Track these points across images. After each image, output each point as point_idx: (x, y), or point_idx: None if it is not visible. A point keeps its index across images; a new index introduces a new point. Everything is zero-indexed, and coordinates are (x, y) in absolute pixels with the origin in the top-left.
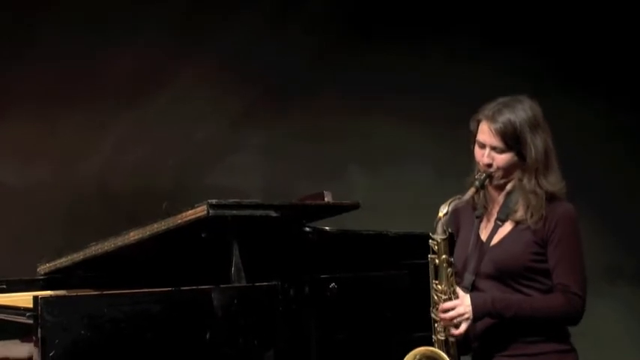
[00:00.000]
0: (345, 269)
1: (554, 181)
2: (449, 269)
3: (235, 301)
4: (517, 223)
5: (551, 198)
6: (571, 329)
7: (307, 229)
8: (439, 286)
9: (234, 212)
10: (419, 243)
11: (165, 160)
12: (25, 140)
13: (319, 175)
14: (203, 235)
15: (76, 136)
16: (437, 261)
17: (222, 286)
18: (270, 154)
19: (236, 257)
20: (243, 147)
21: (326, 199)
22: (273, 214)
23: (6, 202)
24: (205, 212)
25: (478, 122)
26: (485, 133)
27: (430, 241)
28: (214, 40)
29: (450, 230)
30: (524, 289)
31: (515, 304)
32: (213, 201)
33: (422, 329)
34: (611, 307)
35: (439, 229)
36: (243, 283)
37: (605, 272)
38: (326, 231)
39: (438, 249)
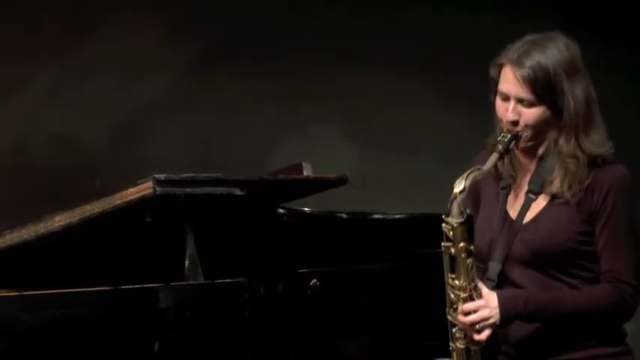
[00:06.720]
0: (331, 261)
1: (598, 141)
2: (468, 260)
3: (190, 303)
4: (554, 196)
5: (594, 162)
6: (627, 327)
7: (281, 210)
8: (456, 282)
9: (189, 190)
10: (427, 226)
11: (97, 125)
12: None
13: (295, 143)
14: (149, 220)
15: None
16: (452, 250)
17: (173, 284)
18: (230, 118)
19: (191, 247)
20: (195, 109)
21: (305, 172)
22: (238, 192)
23: None
24: (151, 190)
25: (500, 67)
26: (510, 81)
27: (444, 225)
28: None
29: (468, 211)
30: (568, 279)
31: (554, 301)
32: (162, 176)
33: (432, 336)
34: None
35: (455, 210)
36: (201, 280)
37: None
38: (305, 213)
39: (454, 235)
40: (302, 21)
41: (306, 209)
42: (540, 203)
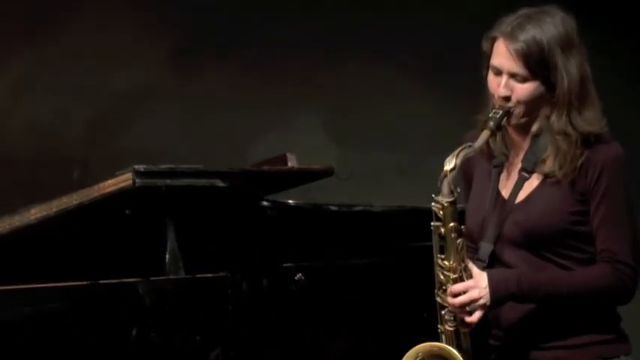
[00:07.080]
0: (316, 256)
1: (591, 119)
2: (458, 240)
3: (171, 298)
4: (546, 176)
5: (587, 140)
6: (622, 312)
7: (265, 203)
8: (446, 263)
9: (169, 182)
10: (416, 220)
11: (76, 117)
12: None
13: (278, 133)
14: (128, 213)
15: None
16: (442, 230)
17: (152, 278)
18: (212, 110)
19: (171, 241)
20: (177, 99)
21: (289, 163)
22: (220, 183)
23: None
24: (131, 182)
25: (493, 41)
26: (502, 55)
27: (433, 204)
28: None
29: (458, 190)
30: (561, 260)
31: (547, 281)
32: (141, 167)
33: (420, 332)
34: None
35: (445, 188)
36: (182, 275)
37: None
38: (290, 205)
39: (444, 214)
40: (288, 13)
41: (290, 201)
42: (533, 182)
